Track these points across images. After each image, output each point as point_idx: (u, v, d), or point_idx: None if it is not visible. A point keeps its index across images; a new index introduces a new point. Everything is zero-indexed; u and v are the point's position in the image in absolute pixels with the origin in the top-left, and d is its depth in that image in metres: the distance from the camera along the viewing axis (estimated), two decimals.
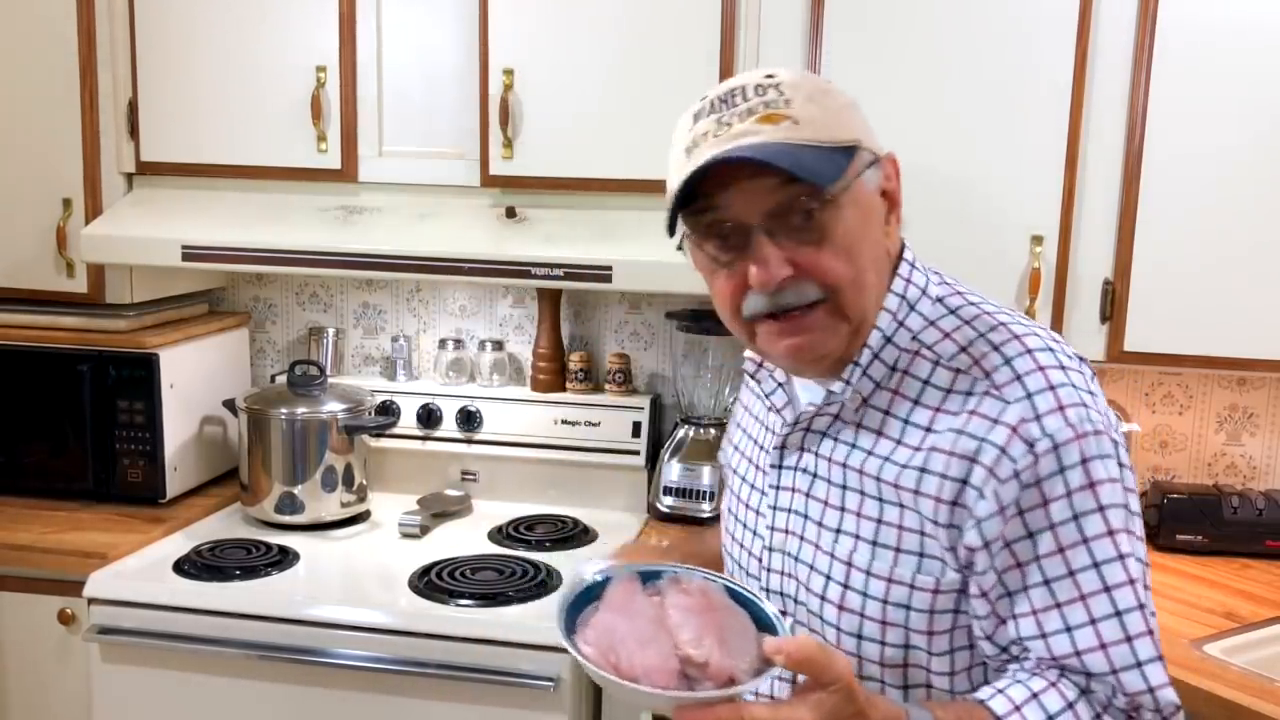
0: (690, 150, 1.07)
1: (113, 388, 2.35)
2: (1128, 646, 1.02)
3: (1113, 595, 1.02)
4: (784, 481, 1.20)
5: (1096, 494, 1.03)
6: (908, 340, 1.14)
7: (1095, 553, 1.02)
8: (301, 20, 2.25)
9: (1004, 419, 1.05)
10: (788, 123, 1.04)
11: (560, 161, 2.17)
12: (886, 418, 1.14)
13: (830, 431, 1.17)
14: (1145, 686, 1.02)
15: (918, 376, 1.13)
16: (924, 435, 1.10)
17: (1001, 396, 1.06)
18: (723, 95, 1.08)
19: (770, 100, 1.05)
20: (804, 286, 1.07)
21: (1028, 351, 1.09)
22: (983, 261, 2.05)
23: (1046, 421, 1.04)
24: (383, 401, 2.51)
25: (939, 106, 2.03)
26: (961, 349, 1.11)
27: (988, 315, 1.14)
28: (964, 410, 1.08)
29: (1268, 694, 1.62)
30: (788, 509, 1.20)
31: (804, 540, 1.17)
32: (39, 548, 2.13)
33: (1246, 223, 1.99)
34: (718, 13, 2.07)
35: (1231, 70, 1.95)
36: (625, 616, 0.99)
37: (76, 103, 2.29)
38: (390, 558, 2.19)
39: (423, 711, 1.91)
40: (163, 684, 2.00)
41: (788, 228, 1.05)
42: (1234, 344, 2.02)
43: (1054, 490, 1.03)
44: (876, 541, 1.12)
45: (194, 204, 2.32)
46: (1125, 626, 1.02)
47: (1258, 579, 2.11)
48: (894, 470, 1.11)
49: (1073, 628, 1.02)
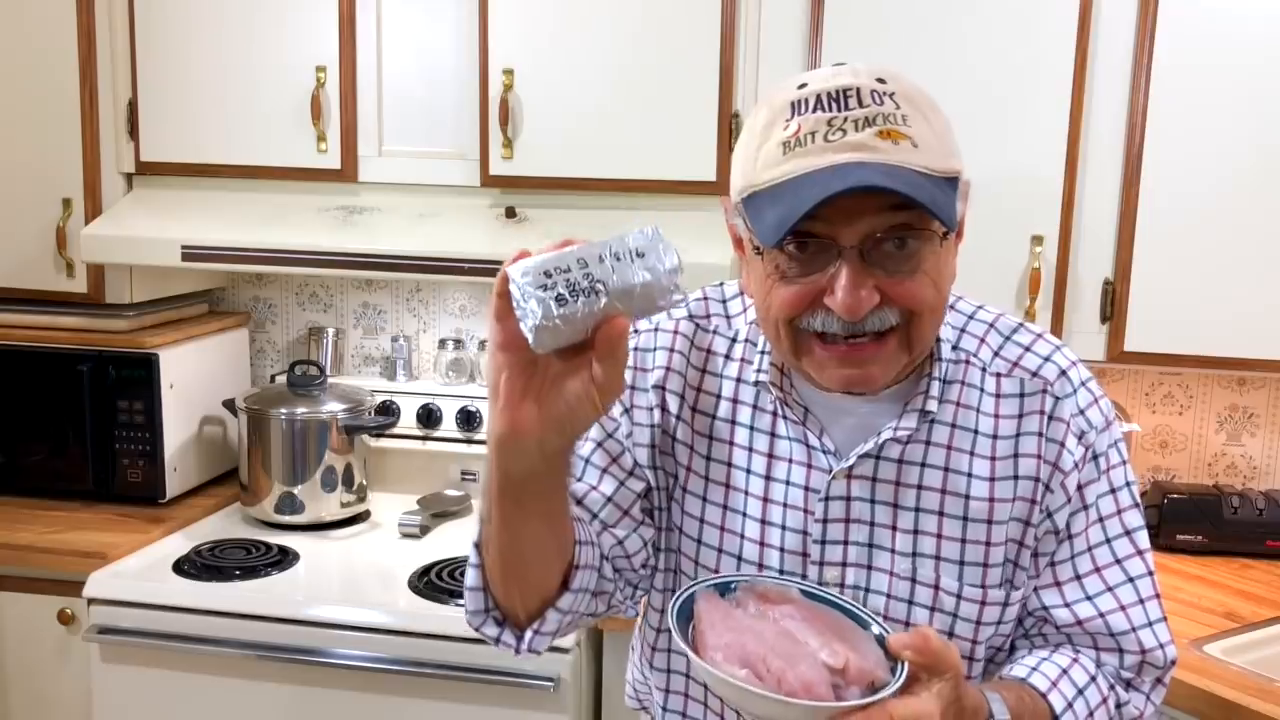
0: (792, 147, 0.96)
1: (113, 388, 2.35)
2: (1141, 608, 1.12)
3: (1125, 565, 1.13)
4: (834, 514, 1.11)
5: (1119, 476, 1.14)
6: (950, 351, 1.13)
7: (1112, 528, 1.13)
8: (301, 20, 2.25)
9: (1059, 414, 1.11)
10: (907, 143, 0.96)
11: (560, 161, 2.17)
12: (955, 431, 1.11)
13: (888, 454, 1.11)
14: (1158, 643, 1.13)
15: (973, 385, 1.12)
16: (993, 443, 1.11)
17: (1053, 392, 1.12)
18: (832, 92, 0.97)
19: (888, 113, 0.97)
20: (886, 314, 1.00)
21: (1056, 349, 1.15)
22: (983, 262, 2.04)
23: (1090, 414, 1.12)
24: (383, 401, 2.51)
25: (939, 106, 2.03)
26: (996, 353, 1.14)
27: (1002, 319, 1.17)
28: (1022, 411, 1.12)
29: (1268, 694, 1.62)
30: (844, 541, 1.12)
31: (873, 570, 1.11)
32: (39, 548, 2.13)
33: (1246, 223, 1.99)
34: (718, 13, 2.07)
35: (1231, 71, 1.95)
36: (743, 634, 0.95)
37: (76, 103, 2.29)
38: (390, 558, 2.19)
39: (423, 711, 1.91)
40: (163, 684, 2.00)
41: (880, 253, 0.98)
42: (1234, 344, 2.02)
43: (1088, 475, 1.12)
44: (964, 561, 1.10)
45: (194, 204, 2.32)
46: (1139, 591, 1.13)
47: (1258, 579, 2.11)
48: (983, 485, 1.10)
49: (1093, 596, 1.12)
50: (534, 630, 1.05)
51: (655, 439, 1.17)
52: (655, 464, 1.18)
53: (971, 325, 1.15)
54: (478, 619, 1.06)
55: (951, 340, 1.14)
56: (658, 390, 1.17)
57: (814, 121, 0.97)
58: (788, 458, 1.14)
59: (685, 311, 1.20)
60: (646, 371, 1.18)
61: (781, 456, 1.14)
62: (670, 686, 1.25)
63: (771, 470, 1.14)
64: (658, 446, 1.18)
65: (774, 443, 1.14)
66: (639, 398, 1.18)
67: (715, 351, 1.18)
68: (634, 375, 1.18)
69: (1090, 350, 2.07)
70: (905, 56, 2.03)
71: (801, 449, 1.13)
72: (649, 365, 1.18)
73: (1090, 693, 1.08)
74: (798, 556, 1.13)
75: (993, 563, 1.10)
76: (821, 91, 0.98)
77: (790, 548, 1.13)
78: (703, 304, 1.21)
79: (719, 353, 1.18)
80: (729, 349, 1.18)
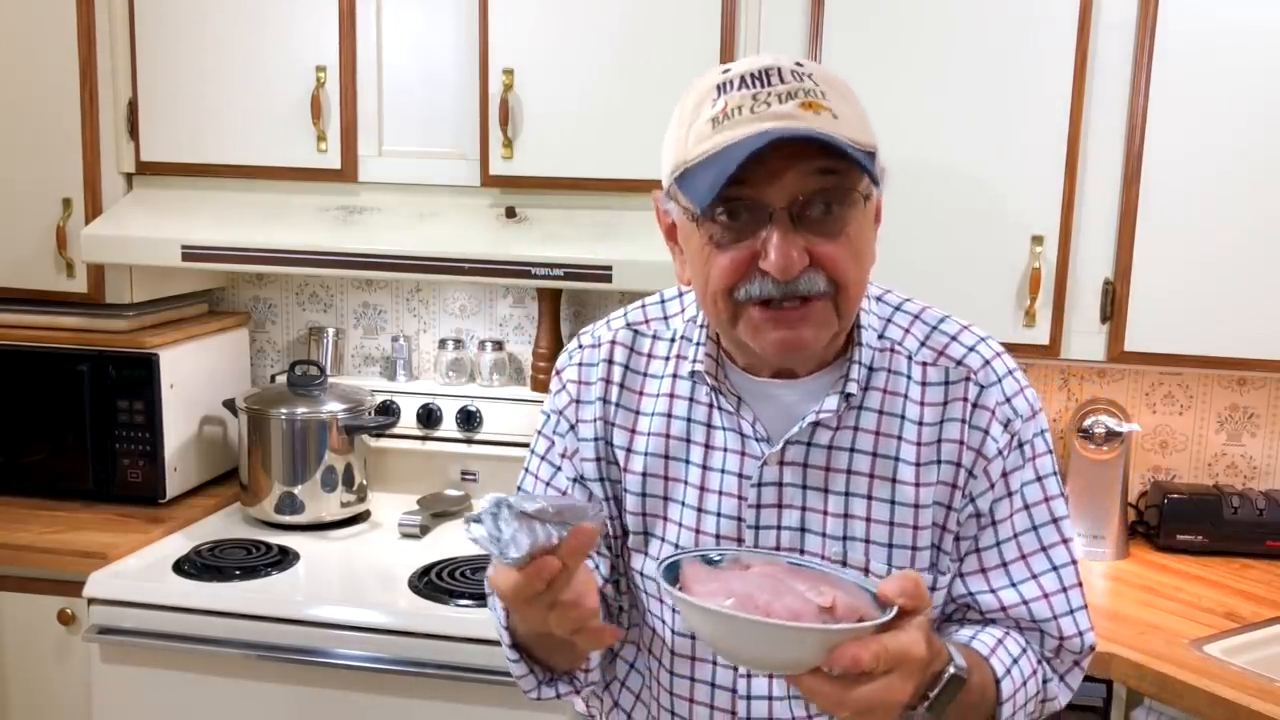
0: (720, 122, 1.02)
1: (113, 388, 2.35)
2: (1064, 596, 1.16)
3: (1050, 553, 1.16)
4: (766, 499, 1.15)
5: (1046, 464, 1.17)
6: (875, 339, 1.16)
7: (1038, 516, 1.16)
8: (301, 20, 2.25)
9: (984, 402, 1.14)
10: (828, 114, 1.01)
11: (560, 161, 2.17)
12: (883, 417, 1.14)
13: (817, 440, 1.14)
14: (1077, 630, 1.17)
15: (899, 372, 1.15)
16: (919, 429, 1.14)
17: (977, 380, 1.15)
18: (755, 72, 1.04)
19: (808, 89, 1.02)
20: (815, 277, 1.04)
21: (982, 340, 1.18)
22: (983, 261, 2.05)
23: (1015, 403, 1.15)
24: (383, 401, 2.51)
25: (939, 107, 2.03)
26: (922, 342, 1.17)
27: (928, 310, 1.20)
28: (947, 399, 1.14)
29: (1268, 694, 1.62)
30: (776, 526, 1.15)
31: (805, 554, 1.14)
32: (39, 548, 2.13)
33: (1246, 223, 1.99)
34: (718, 13, 2.07)
35: (1231, 71, 1.95)
36: (729, 581, 0.96)
37: (76, 103, 2.29)
38: (390, 558, 2.19)
39: (423, 711, 1.91)
40: (163, 684, 2.00)
41: (808, 218, 1.03)
42: (1234, 344, 2.02)
43: (1013, 463, 1.15)
44: (892, 544, 1.13)
45: (194, 204, 2.32)
46: (1062, 579, 1.16)
47: (1258, 579, 2.11)
48: (909, 469, 1.13)
49: (1018, 583, 1.15)
50: (584, 671, 1.21)
51: (599, 451, 1.23)
52: (602, 475, 1.23)
53: (897, 316, 1.19)
54: (535, 690, 1.21)
55: (878, 329, 1.17)
56: (601, 403, 1.23)
57: (740, 98, 1.03)
58: (723, 447, 1.18)
59: (624, 321, 1.26)
60: (590, 385, 1.24)
61: (717, 446, 1.18)
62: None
63: (708, 460, 1.18)
64: (602, 458, 1.23)
65: (710, 433, 1.18)
66: (584, 411, 1.24)
67: (655, 355, 1.23)
68: (579, 389, 1.24)
69: (1090, 350, 2.07)
70: (905, 57, 2.04)
71: (736, 437, 1.17)
72: (591, 379, 1.24)
73: (1023, 662, 1.13)
74: (732, 541, 1.17)
75: (919, 545, 1.14)
76: (745, 73, 1.04)
77: (725, 533, 1.17)
78: (640, 311, 1.27)
79: (659, 355, 1.23)
80: (667, 349, 1.23)
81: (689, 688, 1.20)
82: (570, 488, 1.24)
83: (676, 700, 1.21)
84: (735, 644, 0.92)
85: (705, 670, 1.19)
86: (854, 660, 0.86)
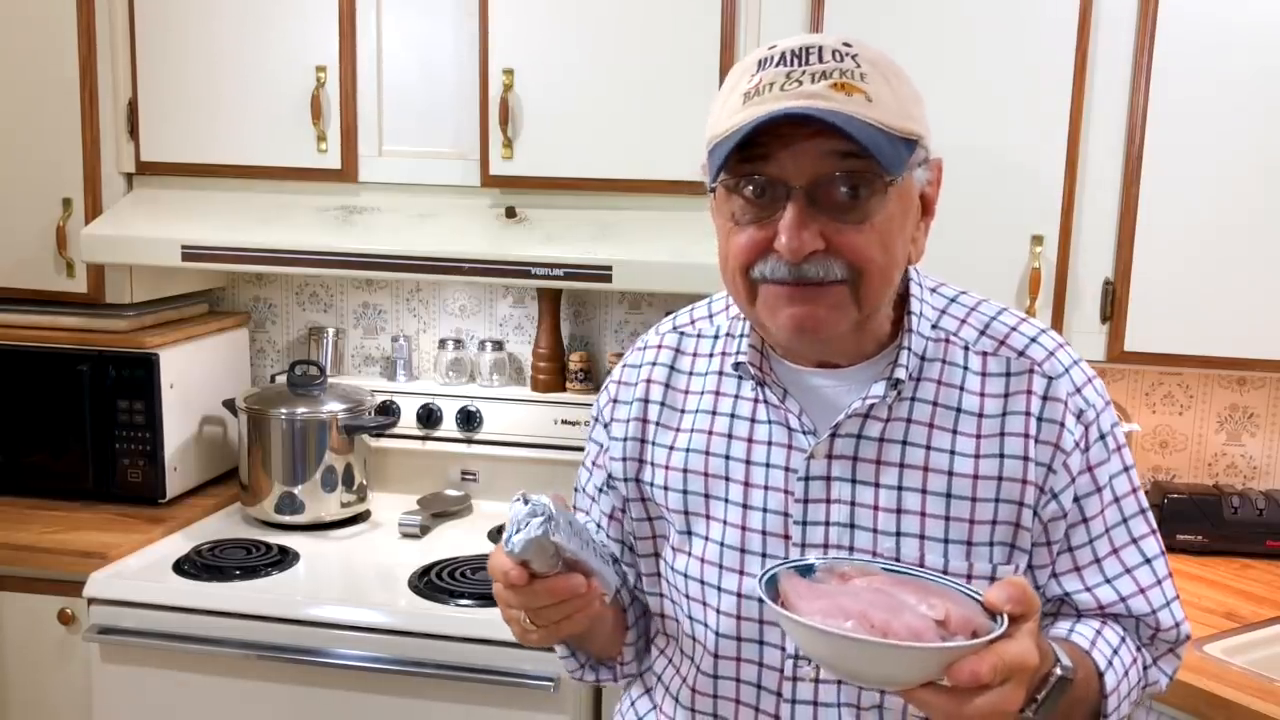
0: (751, 96, 1.01)
1: (113, 388, 2.35)
2: (1159, 589, 1.15)
3: (1141, 545, 1.15)
4: (814, 494, 1.12)
5: (1124, 457, 1.15)
6: (929, 328, 1.14)
7: (1128, 508, 1.15)
8: (301, 20, 2.25)
9: (1054, 394, 1.11)
10: (861, 97, 1.00)
11: (560, 161, 2.17)
12: (937, 409, 1.11)
13: (867, 432, 1.11)
14: (1174, 621, 1.16)
15: (955, 363, 1.13)
16: (979, 420, 1.11)
17: (1044, 372, 1.12)
18: (796, 50, 1.03)
19: (847, 70, 1.01)
20: (831, 263, 1.02)
21: (1043, 331, 1.15)
22: (983, 261, 2.05)
23: (1086, 393, 1.13)
24: (383, 401, 2.51)
25: (938, 106, 2.02)
26: (981, 332, 1.14)
27: (985, 303, 1.18)
28: (1011, 391, 1.11)
29: (1268, 694, 1.62)
30: (825, 521, 1.12)
31: (855, 550, 1.11)
32: (39, 548, 2.13)
33: (1246, 223, 1.99)
34: (718, 12, 2.07)
35: (1231, 70, 1.95)
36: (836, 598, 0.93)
37: (76, 103, 2.29)
38: (390, 558, 2.19)
39: (423, 711, 1.91)
40: (163, 684, 2.00)
41: (830, 201, 1.01)
42: (1234, 344, 2.02)
43: (1098, 456, 1.12)
44: (949, 539, 1.10)
45: (194, 204, 2.32)
46: (1155, 571, 1.15)
47: (1258, 579, 2.11)
48: (967, 462, 1.10)
49: (1112, 579, 1.13)
50: (620, 663, 1.28)
51: (628, 451, 1.23)
52: (628, 475, 1.23)
53: (953, 308, 1.17)
54: (578, 672, 1.28)
55: (932, 319, 1.15)
56: (641, 403, 1.23)
57: (775, 74, 1.02)
58: (768, 440, 1.16)
59: (671, 325, 1.27)
60: (631, 385, 1.25)
61: (761, 440, 1.16)
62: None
63: (751, 454, 1.16)
64: (632, 458, 1.23)
65: (754, 428, 1.17)
66: (619, 411, 1.25)
67: (699, 353, 1.23)
68: (618, 389, 1.26)
69: (1090, 350, 2.07)
70: (905, 57, 2.01)
71: (782, 431, 1.15)
72: (633, 380, 1.25)
73: (1123, 652, 1.12)
74: (779, 539, 1.14)
75: (977, 541, 1.10)
76: (787, 49, 1.03)
77: (771, 530, 1.14)
78: (688, 314, 1.28)
79: (703, 353, 1.23)
80: (711, 346, 1.23)
81: (734, 689, 1.17)
82: (600, 497, 1.29)
83: (720, 702, 1.18)
84: (854, 666, 0.90)
85: (750, 671, 1.16)
86: (973, 675, 0.85)
